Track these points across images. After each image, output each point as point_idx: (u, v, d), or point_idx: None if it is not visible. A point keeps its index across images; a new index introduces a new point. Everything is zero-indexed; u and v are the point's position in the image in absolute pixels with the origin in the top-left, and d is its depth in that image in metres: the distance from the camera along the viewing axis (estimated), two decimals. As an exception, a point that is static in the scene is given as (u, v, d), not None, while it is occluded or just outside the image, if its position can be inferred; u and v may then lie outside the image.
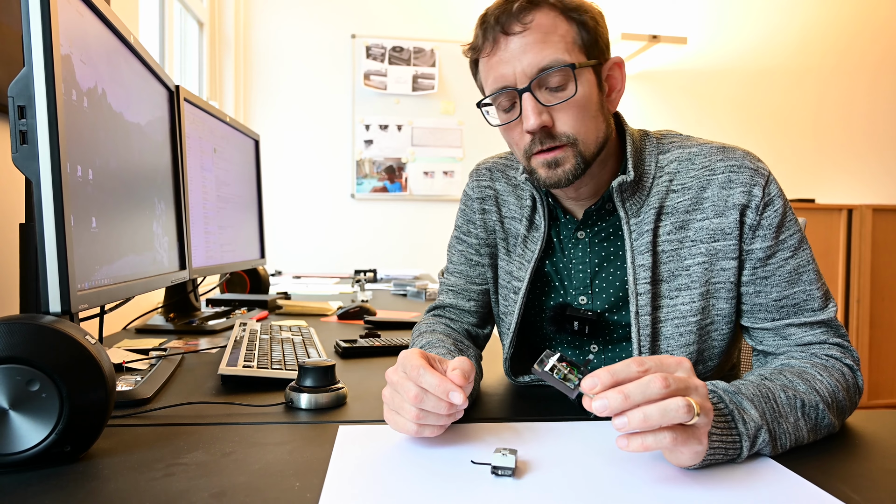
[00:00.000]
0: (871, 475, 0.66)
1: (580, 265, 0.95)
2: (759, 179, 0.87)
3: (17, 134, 0.66)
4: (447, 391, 0.67)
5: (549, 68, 0.81)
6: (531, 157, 0.86)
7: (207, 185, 1.54)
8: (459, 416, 0.71)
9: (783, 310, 0.86)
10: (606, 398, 0.58)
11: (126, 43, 0.99)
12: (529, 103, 0.82)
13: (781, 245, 0.86)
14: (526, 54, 0.81)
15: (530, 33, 0.81)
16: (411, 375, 0.69)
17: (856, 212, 3.68)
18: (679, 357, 0.64)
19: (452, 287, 1.07)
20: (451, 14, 3.74)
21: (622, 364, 0.61)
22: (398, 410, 0.70)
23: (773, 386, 0.73)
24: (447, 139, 3.76)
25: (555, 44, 0.81)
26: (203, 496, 0.57)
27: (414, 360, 0.70)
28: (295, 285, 2.62)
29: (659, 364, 0.62)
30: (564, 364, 0.64)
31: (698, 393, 0.61)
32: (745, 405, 0.68)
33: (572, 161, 0.85)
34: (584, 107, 0.84)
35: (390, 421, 0.72)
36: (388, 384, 0.73)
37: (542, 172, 0.86)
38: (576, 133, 0.84)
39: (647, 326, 0.88)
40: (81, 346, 0.63)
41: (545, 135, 0.84)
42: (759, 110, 4.06)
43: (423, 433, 0.70)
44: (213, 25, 3.27)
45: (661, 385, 0.58)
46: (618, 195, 0.89)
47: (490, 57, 0.85)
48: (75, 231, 0.72)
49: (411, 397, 0.68)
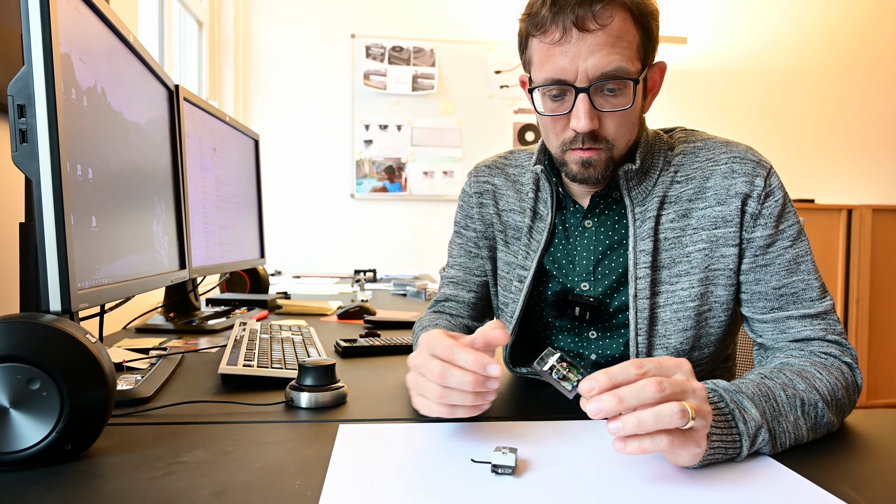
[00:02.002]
0: (870, 474, 0.66)
1: (584, 252, 0.96)
2: (761, 171, 0.89)
3: (16, 133, 0.66)
4: (484, 364, 0.66)
5: (612, 76, 0.81)
6: (567, 150, 0.87)
7: (207, 185, 1.54)
8: (491, 397, 0.69)
9: (782, 298, 0.88)
10: (601, 402, 0.58)
11: (125, 42, 0.99)
12: (584, 105, 0.82)
13: (781, 234, 0.88)
14: (593, 55, 0.80)
15: (602, 34, 0.80)
16: (444, 354, 0.68)
17: (855, 212, 3.68)
18: (679, 359, 0.64)
19: (453, 279, 1.08)
20: (451, 14, 3.74)
21: (621, 367, 0.60)
22: (423, 393, 0.70)
23: (772, 385, 0.73)
24: (447, 139, 3.76)
25: (622, 50, 0.81)
26: (203, 495, 0.57)
27: (444, 340, 0.69)
28: (295, 285, 2.62)
29: (658, 366, 0.61)
30: (564, 364, 0.64)
31: (696, 396, 0.61)
32: (746, 404, 0.68)
33: (604, 163, 0.87)
34: (631, 115, 0.86)
35: (418, 405, 0.71)
36: (412, 369, 0.72)
37: (575, 167, 0.88)
38: (615, 139, 0.86)
39: (644, 310, 0.90)
40: (82, 345, 0.63)
41: (589, 136, 0.85)
42: (759, 110, 4.06)
43: (456, 413, 0.69)
44: (213, 25, 3.27)
45: (656, 389, 0.58)
46: (624, 183, 0.91)
47: (554, 45, 0.82)
48: (75, 230, 0.72)
49: (436, 375, 0.67)
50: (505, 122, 3.82)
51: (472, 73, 3.77)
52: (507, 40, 3.76)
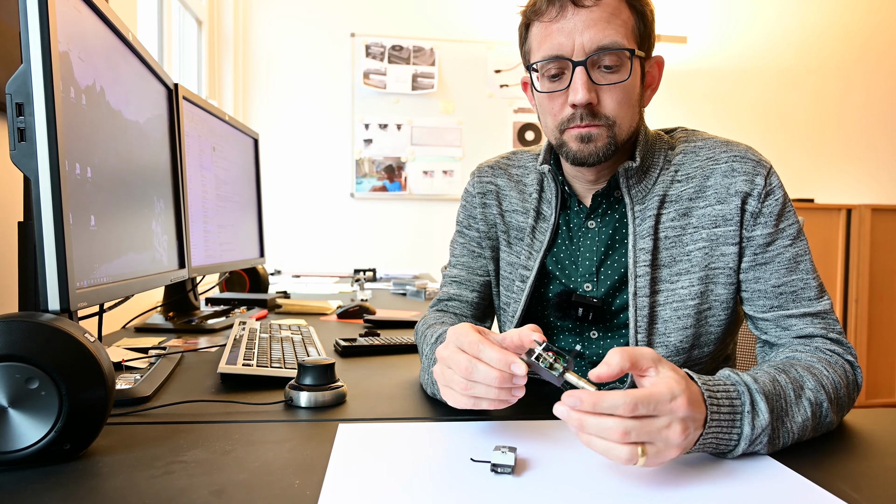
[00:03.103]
0: (868, 473, 0.66)
1: (587, 253, 0.96)
2: (761, 170, 0.90)
3: (15, 131, 0.66)
4: (508, 363, 0.66)
5: (608, 48, 0.83)
6: (565, 130, 0.88)
7: (207, 184, 1.54)
8: (519, 393, 0.68)
9: (781, 296, 0.88)
10: (566, 417, 0.60)
11: (125, 41, 0.98)
12: (581, 77, 0.84)
13: (781, 233, 0.89)
14: (589, 29, 0.83)
15: (598, 10, 0.83)
16: (470, 350, 0.68)
17: (855, 212, 3.68)
18: (678, 379, 0.62)
19: (455, 279, 1.08)
20: (451, 13, 3.74)
21: (615, 397, 0.59)
22: (450, 385, 0.70)
23: (784, 382, 0.72)
24: (446, 138, 3.76)
25: (617, 27, 0.84)
26: (203, 494, 0.57)
27: (471, 336, 0.69)
28: (294, 284, 2.62)
29: (654, 409, 0.59)
30: (550, 353, 0.65)
31: (668, 440, 0.60)
32: (760, 405, 0.67)
33: (605, 140, 0.87)
34: (629, 93, 0.87)
35: (446, 397, 0.71)
36: (439, 360, 0.72)
37: (574, 145, 0.88)
38: (615, 116, 0.86)
39: (644, 308, 0.90)
40: (81, 345, 0.63)
41: (588, 112, 0.86)
42: (758, 110, 4.06)
43: (480, 405, 0.69)
44: (212, 23, 3.26)
45: (619, 436, 0.58)
46: (624, 181, 0.92)
47: (551, 23, 0.85)
48: (74, 229, 0.72)
49: (462, 369, 0.67)
50: (505, 121, 3.82)
51: (472, 72, 3.77)
52: (506, 40, 3.76)
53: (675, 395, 0.60)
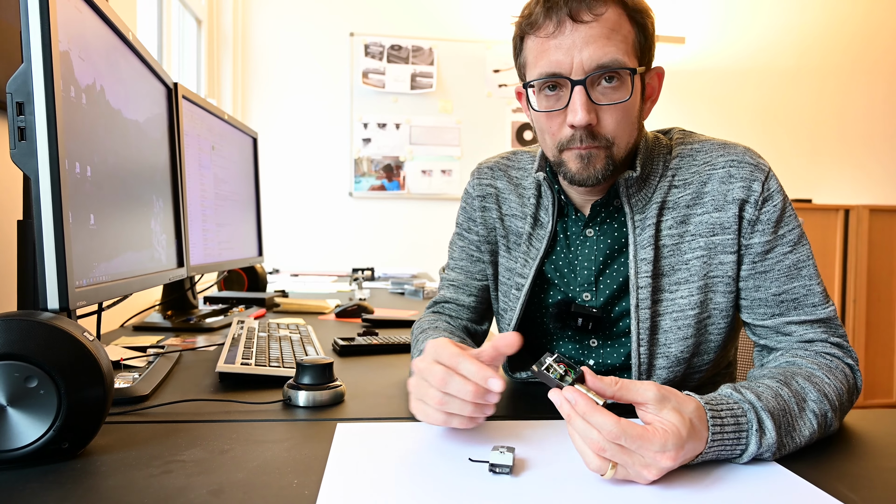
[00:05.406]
0: (867, 474, 0.66)
1: (585, 262, 0.94)
2: (759, 175, 0.87)
3: (15, 130, 0.66)
4: (486, 378, 0.66)
5: (609, 67, 0.80)
6: (564, 150, 0.85)
7: (205, 183, 1.54)
8: (489, 411, 0.69)
9: (783, 304, 0.86)
10: (559, 405, 0.63)
11: (124, 40, 0.98)
12: (581, 98, 0.80)
13: (780, 240, 0.86)
14: (588, 46, 0.79)
15: (598, 26, 0.79)
16: (449, 363, 0.68)
17: (853, 212, 3.69)
18: (677, 430, 0.61)
19: (453, 282, 1.07)
20: (450, 13, 3.74)
21: (605, 418, 0.60)
22: (423, 398, 0.70)
23: (787, 396, 0.72)
24: (445, 138, 3.76)
25: (618, 43, 0.80)
26: (201, 493, 0.57)
27: (450, 348, 0.69)
28: (293, 283, 2.61)
29: (634, 440, 0.59)
30: (561, 365, 0.65)
31: (640, 474, 0.60)
32: (767, 424, 0.67)
33: (603, 161, 0.84)
34: (629, 112, 0.84)
35: (416, 411, 0.71)
36: (415, 372, 0.72)
37: (573, 166, 0.85)
38: (614, 136, 0.84)
39: (646, 320, 0.88)
40: (79, 343, 0.63)
41: (587, 133, 0.82)
42: (757, 111, 4.06)
43: (451, 423, 0.69)
44: (212, 23, 3.26)
45: (595, 448, 0.60)
46: (624, 190, 0.89)
47: (549, 39, 0.81)
48: (73, 228, 0.72)
49: (438, 380, 0.67)
50: (503, 120, 3.82)
51: (471, 71, 3.77)
52: (505, 39, 3.75)
53: (665, 449, 0.60)
